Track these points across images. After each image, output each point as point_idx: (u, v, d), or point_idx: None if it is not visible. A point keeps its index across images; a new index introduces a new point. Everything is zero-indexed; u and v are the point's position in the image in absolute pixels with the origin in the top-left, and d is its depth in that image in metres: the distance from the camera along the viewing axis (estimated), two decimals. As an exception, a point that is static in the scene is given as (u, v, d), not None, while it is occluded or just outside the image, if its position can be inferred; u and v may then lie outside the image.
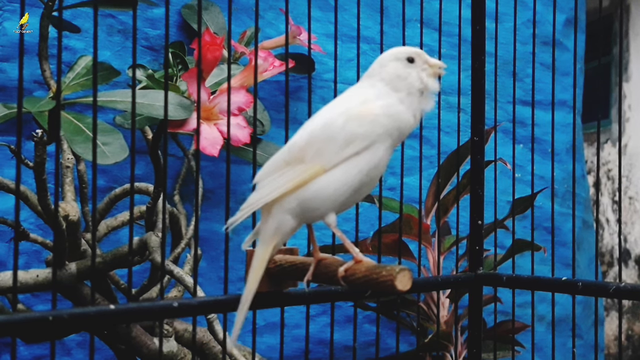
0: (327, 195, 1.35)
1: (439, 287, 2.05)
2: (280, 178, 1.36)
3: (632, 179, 6.70)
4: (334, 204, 1.37)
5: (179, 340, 2.31)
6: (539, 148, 3.32)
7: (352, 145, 1.35)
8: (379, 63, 1.43)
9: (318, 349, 2.86)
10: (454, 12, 2.12)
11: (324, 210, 1.37)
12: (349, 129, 1.35)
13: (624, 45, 6.71)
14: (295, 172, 1.35)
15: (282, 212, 1.37)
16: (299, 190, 1.35)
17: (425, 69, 1.42)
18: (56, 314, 1.27)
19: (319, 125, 1.38)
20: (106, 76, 2.08)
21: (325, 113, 1.40)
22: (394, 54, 1.43)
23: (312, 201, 1.35)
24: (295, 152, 1.37)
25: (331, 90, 2.88)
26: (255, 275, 1.38)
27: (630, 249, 6.75)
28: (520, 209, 2.52)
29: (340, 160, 1.35)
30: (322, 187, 1.35)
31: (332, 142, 1.35)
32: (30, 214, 2.26)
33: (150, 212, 2.21)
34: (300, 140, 1.38)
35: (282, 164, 1.37)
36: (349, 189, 1.36)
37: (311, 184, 1.35)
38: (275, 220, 1.38)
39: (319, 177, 1.35)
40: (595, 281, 1.88)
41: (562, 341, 3.30)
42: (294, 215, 1.37)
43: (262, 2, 2.77)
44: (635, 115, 6.65)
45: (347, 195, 1.37)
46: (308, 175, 1.34)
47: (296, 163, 1.36)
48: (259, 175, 1.39)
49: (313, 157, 1.35)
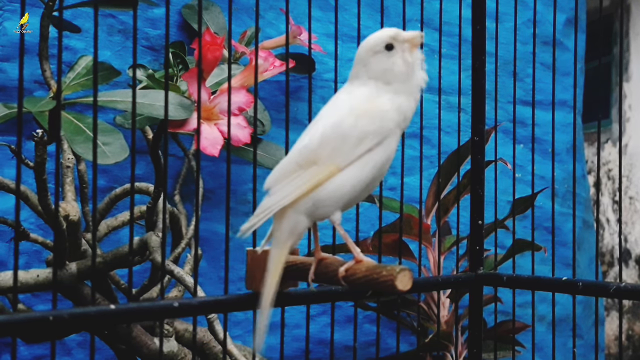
0: (344, 193, 1.35)
1: (439, 287, 2.06)
2: (295, 181, 1.35)
3: (632, 179, 6.71)
4: (348, 201, 1.38)
5: (179, 340, 2.32)
6: (540, 148, 3.32)
7: (365, 142, 1.35)
8: (360, 62, 1.43)
9: (318, 349, 2.86)
10: (454, 12, 2.12)
11: (337, 208, 1.37)
12: (360, 126, 1.36)
13: (625, 45, 6.71)
14: (310, 174, 1.35)
15: (297, 213, 1.37)
16: (315, 191, 1.35)
17: (405, 49, 1.41)
18: (56, 313, 1.27)
19: (329, 125, 1.37)
20: (106, 76, 2.08)
21: (330, 114, 1.40)
22: (370, 47, 1.42)
23: (328, 200, 1.35)
24: (307, 154, 1.36)
25: (331, 90, 2.87)
26: (273, 278, 1.38)
27: (630, 249, 6.76)
28: (520, 209, 2.52)
29: (354, 157, 1.35)
30: (339, 186, 1.35)
31: (346, 140, 1.35)
32: (31, 213, 2.26)
33: (150, 212, 2.21)
34: (311, 142, 1.37)
35: (294, 167, 1.37)
36: (364, 184, 1.37)
37: (327, 184, 1.35)
38: (290, 222, 1.37)
39: (335, 176, 1.35)
40: (596, 281, 1.88)
41: (562, 341, 3.30)
42: (307, 215, 1.37)
43: (263, 2, 2.77)
44: (635, 115, 6.65)
45: (361, 191, 1.38)
46: (324, 176, 1.34)
47: (309, 165, 1.36)
48: (271, 180, 1.38)
49: (327, 157, 1.35)
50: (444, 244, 2.74)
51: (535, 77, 2.16)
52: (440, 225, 2.45)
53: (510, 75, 3.10)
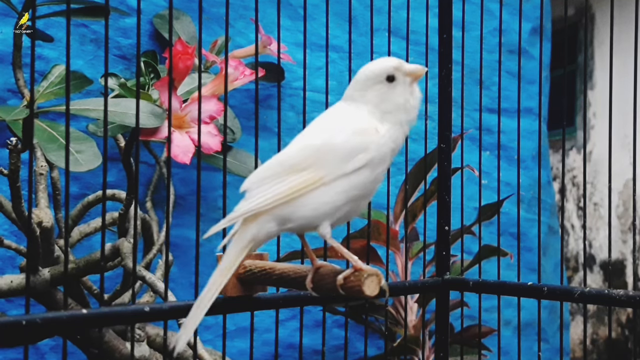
0: (323, 207, 1.34)
1: (407, 292, 2.08)
2: (277, 187, 1.34)
3: (597, 185, 6.76)
4: (329, 216, 1.36)
5: (151, 345, 2.33)
6: (505, 155, 3.36)
7: (355, 160, 1.34)
8: (359, 86, 1.41)
9: (288, 353, 2.88)
10: (422, 21, 2.14)
11: (317, 221, 1.36)
12: (353, 143, 1.35)
13: (589, 54, 6.76)
14: (292, 181, 1.34)
15: (269, 219, 1.35)
16: (295, 201, 1.34)
17: (406, 82, 1.41)
18: (29, 318, 1.29)
19: (320, 137, 1.37)
20: (79, 85, 2.09)
21: (323, 127, 1.40)
22: (373, 76, 1.40)
23: (307, 211, 1.34)
24: (292, 161, 1.36)
25: (300, 98, 2.90)
26: (222, 278, 1.36)
27: (595, 255, 6.81)
28: (487, 215, 2.55)
29: (341, 173, 1.34)
30: (319, 199, 1.34)
31: (335, 154, 1.34)
32: (5, 220, 2.27)
33: (122, 219, 2.23)
34: (298, 150, 1.37)
35: (277, 172, 1.35)
36: (346, 202, 1.36)
37: (308, 195, 1.34)
38: (258, 227, 1.36)
39: (317, 188, 1.34)
40: (561, 286, 1.90)
41: (528, 345, 3.34)
42: (278, 223, 1.36)
43: (233, 12, 2.79)
44: (600, 122, 6.71)
45: (343, 208, 1.36)
46: (306, 185, 1.33)
47: (293, 172, 1.34)
48: (250, 183, 1.37)
49: (312, 168, 1.34)
50: (411, 250, 2.77)
51: (501, 85, 2.19)
52: (408, 231, 2.48)
53: (476, 84, 3.13)
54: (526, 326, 3.32)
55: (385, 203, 2.84)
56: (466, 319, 2.76)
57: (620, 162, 5.83)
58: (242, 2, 2.87)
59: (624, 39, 3.94)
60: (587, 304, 1.86)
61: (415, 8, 2.21)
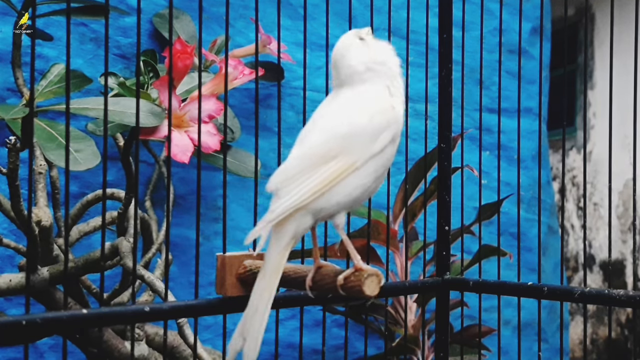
0: (355, 191, 1.35)
1: (406, 292, 2.08)
2: (308, 181, 1.33)
3: (596, 185, 6.76)
4: (358, 201, 1.37)
5: (150, 344, 2.33)
6: (505, 155, 3.35)
7: (380, 139, 1.35)
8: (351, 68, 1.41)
9: (287, 353, 2.88)
10: (422, 21, 2.14)
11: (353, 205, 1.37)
12: (376, 123, 1.36)
13: (589, 54, 6.76)
14: (324, 173, 1.33)
15: (305, 214, 1.35)
16: (329, 190, 1.33)
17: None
18: (29, 318, 1.29)
19: (341, 125, 1.36)
20: (78, 84, 2.09)
21: (337, 113, 1.40)
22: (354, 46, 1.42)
23: (342, 199, 1.35)
24: (319, 154, 1.35)
25: (300, 98, 2.90)
26: (274, 281, 1.36)
27: (594, 254, 6.81)
28: (486, 214, 2.55)
29: (370, 155, 1.34)
30: (352, 184, 1.34)
31: (361, 137, 1.34)
32: (4, 219, 2.27)
33: (121, 218, 2.23)
34: (321, 143, 1.36)
35: (305, 167, 1.34)
36: (373, 184, 1.37)
37: (341, 183, 1.33)
38: (295, 223, 1.35)
39: (350, 175, 1.34)
40: (561, 286, 1.90)
41: (527, 345, 3.34)
42: (313, 215, 1.36)
43: (233, 11, 2.79)
44: (599, 122, 6.70)
45: (369, 191, 1.38)
46: (339, 173, 1.33)
47: (321, 164, 1.34)
48: (277, 182, 1.35)
49: (340, 156, 1.34)
50: (411, 249, 2.77)
51: (501, 85, 2.19)
52: (408, 230, 2.48)
53: (476, 83, 3.13)
54: (526, 326, 3.32)
55: (385, 202, 2.84)
56: (466, 318, 2.76)
57: (620, 162, 5.83)
58: (242, 1, 2.87)
59: (624, 39, 3.93)
60: (587, 304, 1.86)
61: (415, 8, 2.20)
